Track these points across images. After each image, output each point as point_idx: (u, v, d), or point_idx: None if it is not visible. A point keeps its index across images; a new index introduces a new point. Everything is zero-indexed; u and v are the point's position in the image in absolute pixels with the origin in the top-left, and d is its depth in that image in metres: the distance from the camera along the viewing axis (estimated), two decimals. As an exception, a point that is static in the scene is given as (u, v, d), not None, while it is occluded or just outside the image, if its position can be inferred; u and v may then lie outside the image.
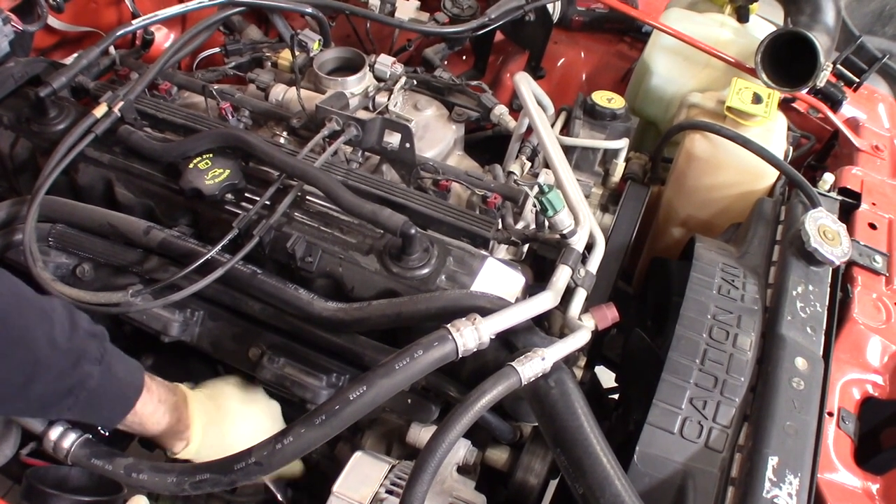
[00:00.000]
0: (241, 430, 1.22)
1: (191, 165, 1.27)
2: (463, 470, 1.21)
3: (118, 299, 1.16)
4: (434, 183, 1.43)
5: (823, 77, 1.60)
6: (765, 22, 1.90)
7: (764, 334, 1.20)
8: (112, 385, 1.04)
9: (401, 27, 1.90)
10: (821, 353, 1.19)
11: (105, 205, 1.32)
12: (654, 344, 1.36)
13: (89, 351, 0.99)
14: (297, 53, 1.67)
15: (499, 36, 2.13)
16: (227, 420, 1.21)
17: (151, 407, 1.10)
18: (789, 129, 1.74)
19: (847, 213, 1.51)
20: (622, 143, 1.64)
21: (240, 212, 1.24)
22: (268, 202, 1.23)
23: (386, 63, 1.68)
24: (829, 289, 1.28)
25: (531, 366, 1.00)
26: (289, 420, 1.32)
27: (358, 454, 1.14)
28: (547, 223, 1.23)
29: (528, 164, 1.62)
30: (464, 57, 2.21)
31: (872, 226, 1.48)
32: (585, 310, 1.20)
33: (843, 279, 1.34)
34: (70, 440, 1.10)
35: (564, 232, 1.22)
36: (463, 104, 1.70)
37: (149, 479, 1.05)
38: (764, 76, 1.61)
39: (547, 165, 1.47)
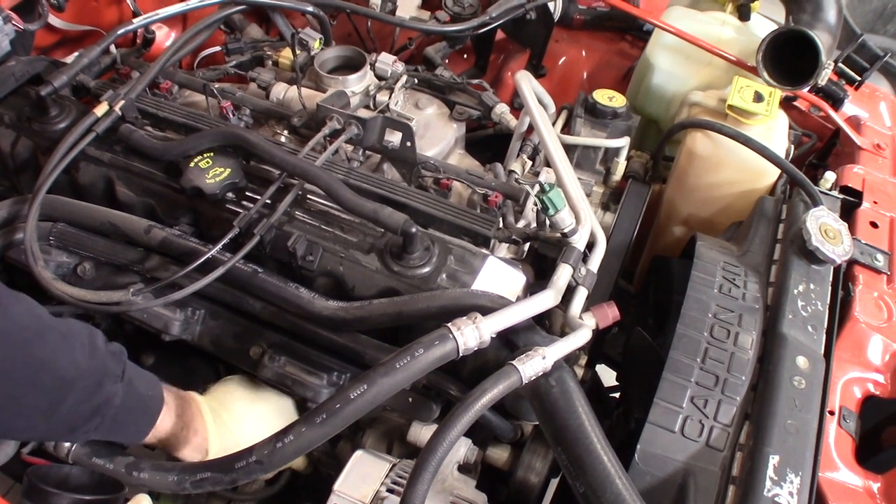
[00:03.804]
0: (254, 429, 1.21)
1: (192, 164, 1.27)
2: (464, 469, 1.21)
3: (119, 298, 1.17)
4: (435, 181, 1.43)
5: (825, 75, 1.60)
6: (766, 20, 1.90)
7: (765, 333, 1.20)
8: (136, 401, 1.04)
9: (402, 26, 1.90)
10: (822, 351, 1.19)
11: (106, 204, 1.32)
12: (655, 342, 1.36)
13: (111, 369, 0.99)
14: (297, 52, 1.67)
15: (500, 34, 2.13)
16: (239, 422, 1.21)
17: (170, 420, 1.10)
18: (791, 127, 1.74)
19: (848, 211, 1.51)
20: (623, 142, 1.64)
21: (241, 210, 1.24)
22: (269, 201, 1.23)
23: (387, 62, 1.68)
24: (830, 287, 1.28)
25: (532, 364, 1.00)
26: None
27: (359, 453, 1.14)
28: (548, 222, 1.23)
29: (529, 163, 1.62)
30: (465, 55, 2.21)
31: (874, 224, 1.48)
32: (586, 308, 1.19)
33: (844, 278, 1.34)
34: (71, 439, 1.10)
35: (565, 230, 1.22)
36: (464, 103, 1.70)
37: (150, 477, 1.05)
38: (765, 74, 1.61)
39: (548, 164, 1.47)
